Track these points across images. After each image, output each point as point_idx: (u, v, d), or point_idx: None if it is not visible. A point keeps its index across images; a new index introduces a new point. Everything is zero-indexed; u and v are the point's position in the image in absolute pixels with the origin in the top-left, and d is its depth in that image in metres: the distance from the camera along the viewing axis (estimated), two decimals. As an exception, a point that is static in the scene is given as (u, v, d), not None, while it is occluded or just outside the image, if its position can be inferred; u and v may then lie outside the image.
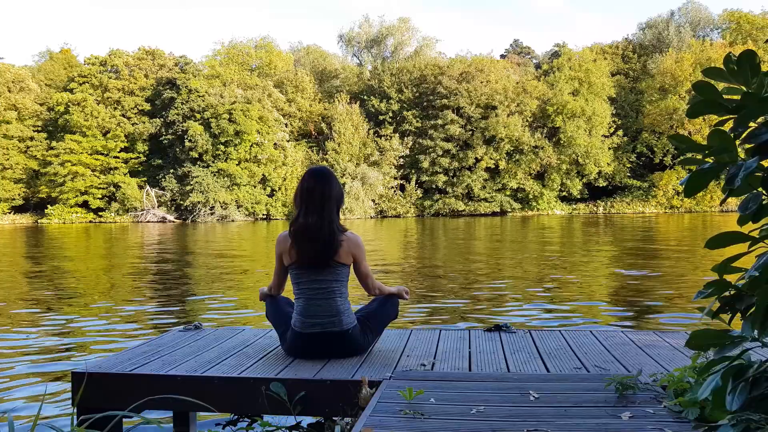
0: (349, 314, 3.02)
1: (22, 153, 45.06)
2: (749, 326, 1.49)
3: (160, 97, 44.91)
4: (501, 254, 13.99)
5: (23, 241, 22.13)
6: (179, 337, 3.45)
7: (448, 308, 6.67)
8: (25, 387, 4.01)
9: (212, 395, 2.60)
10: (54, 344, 5.24)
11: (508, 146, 45.05)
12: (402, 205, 45.08)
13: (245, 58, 50.48)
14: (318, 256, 2.94)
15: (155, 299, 7.78)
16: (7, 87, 46.06)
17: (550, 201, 46.05)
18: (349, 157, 43.98)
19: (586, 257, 12.89)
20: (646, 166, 47.42)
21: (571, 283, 8.69)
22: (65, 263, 13.53)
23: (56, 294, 8.39)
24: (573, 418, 1.96)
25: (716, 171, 1.47)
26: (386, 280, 8.91)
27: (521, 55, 60.55)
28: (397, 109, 46.63)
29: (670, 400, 2.07)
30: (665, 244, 15.79)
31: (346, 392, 2.51)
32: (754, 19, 49.54)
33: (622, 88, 48.89)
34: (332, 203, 2.97)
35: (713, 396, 1.57)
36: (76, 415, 2.58)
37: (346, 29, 58.79)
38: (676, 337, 3.32)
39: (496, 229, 26.04)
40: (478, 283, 8.84)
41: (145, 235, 25.50)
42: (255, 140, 42.58)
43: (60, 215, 43.28)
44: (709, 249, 1.56)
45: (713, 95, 1.46)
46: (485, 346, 3.16)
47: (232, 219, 41.83)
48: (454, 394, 2.26)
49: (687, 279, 8.92)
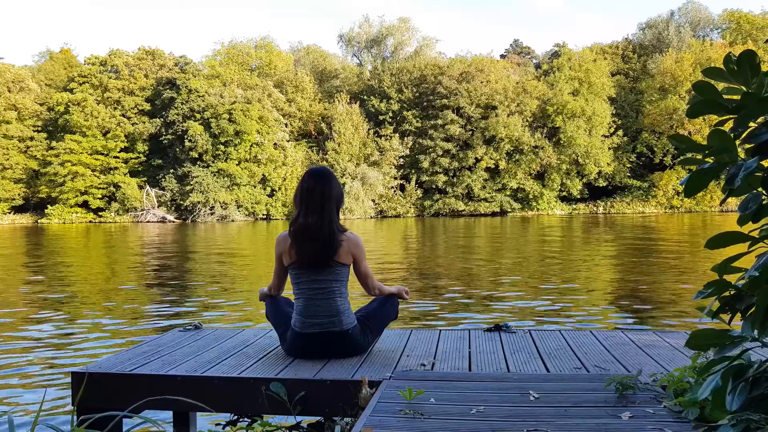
0: (349, 314, 3.02)
1: (22, 153, 45.06)
2: (749, 326, 1.49)
3: (160, 97, 44.91)
4: (501, 254, 13.99)
5: (23, 242, 22.13)
6: (179, 337, 3.45)
7: (448, 308, 6.67)
8: (25, 387, 4.02)
9: (212, 395, 2.60)
10: (54, 344, 5.24)
11: (508, 146, 45.04)
12: (402, 205, 45.07)
13: (245, 58, 50.47)
14: (318, 256, 2.94)
15: (155, 299, 7.78)
16: (7, 87, 46.05)
17: (550, 201, 46.04)
18: (349, 157, 43.97)
19: (586, 257, 12.88)
20: (646, 166, 47.41)
21: (571, 282, 8.69)
22: (65, 263, 13.53)
23: (56, 294, 8.39)
24: (573, 418, 1.96)
25: (716, 171, 1.47)
26: (386, 280, 8.91)
27: (521, 55, 60.54)
28: (397, 109, 46.62)
29: (670, 400, 2.07)
30: (665, 244, 15.78)
31: (346, 392, 2.51)
32: (754, 19, 49.52)
33: (622, 88, 48.88)
34: (332, 203, 2.97)
35: (713, 396, 1.57)
36: (76, 415, 2.58)
37: (346, 29, 58.84)
38: (676, 337, 3.32)
39: (496, 229, 26.04)
40: (478, 283, 8.84)
41: (145, 235, 25.50)
42: (255, 140, 42.57)
43: (60, 215, 43.28)
44: (709, 249, 1.56)
45: (713, 95, 1.46)
46: (485, 346, 3.16)
47: (232, 219, 41.82)
48: (454, 394, 2.26)
49: (687, 279, 8.92)
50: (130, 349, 3.19)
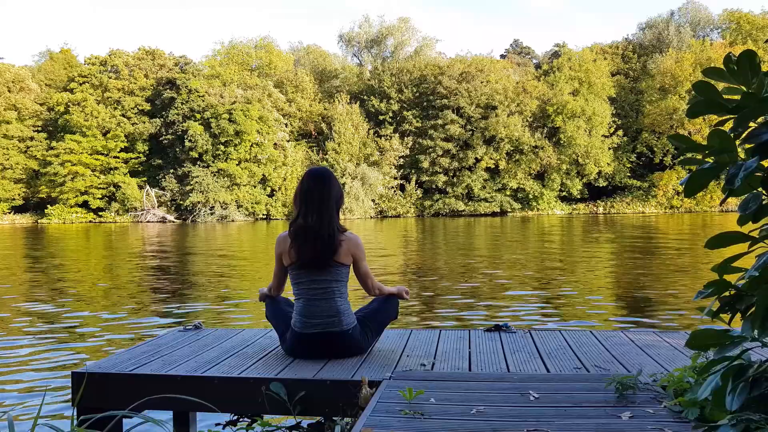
0: (349, 314, 3.02)
1: (22, 153, 45.05)
2: (749, 326, 1.49)
3: (160, 97, 44.90)
4: (501, 254, 13.99)
5: (23, 242, 22.12)
6: (179, 337, 3.45)
7: (448, 308, 6.67)
8: (25, 387, 4.02)
9: (212, 395, 2.59)
10: (54, 344, 5.24)
11: (508, 146, 45.04)
12: (402, 205, 45.06)
13: (245, 58, 50.45)
14: (317, 256, 2.94)
15: (155, 299, 7.78)
16: (7, 87, 46.05)
17: (550, 201, 46.03)
18: (349, 157, 43.97)
19: (586, 257, 12.88)
20: (646, 166, 47.41)
21: (571, 282, 8.69)
22: (65, 263, 13.53)
23: (56, 294, 8.39)
24: (573, 418, 1.96)
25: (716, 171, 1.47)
26: (386, 280, 8.90)
27: (521, 55, 60.55)
28: (397, 109, 46.62)
29: (670, 400, 2.07)
30: (665, 244, 15.78)
31: (346, 392, 2.51)
32: (754, 19, 49.51)
33: (622, 88, 48.87)
34: (331, 203, 2.97)
35: (713, 396, 1.57)
36: (76, 415, 2.58)
37: (346, 29, 58.86)
38: (676, 337, 3.32)
39: (496, 229, 26.04)
40: (478, 283, 8.84)
41: (145, 235, 25.49)
42: (255, 140, 42.56)
43: (60, 215, 43.28)
44: (709, 249, 1.56)
45: (713, 95, 1.46)
46: (485, 346, 3.16)
47: (232, 219, 41.82)
48: (454, 394, 2.26)
49: (687, 279, 8.92)
50: (130, 349, 3.19)
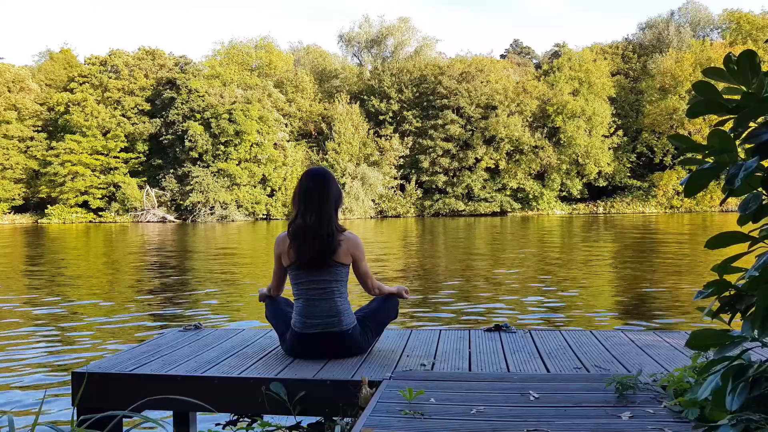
0: (349, 314, 3.02)
1: (22, 153, 45.01)
2: (749, 326, 1.49)
3: (160, 97, 44.88)
4: (501, 254, 13.99)
5: (23, 242, 22.12)
6: (179, 337, 3.45)
7: (448, 308, 6.67)
8: (26, 387, 4.01)
9: (212, 395, 2.59)
10: (54, 344, 5.24)
11: (508, 146, 45.04)
12: (402, 205, 45.06)
13: (245, 58, 50.42)
14: (317, 256, 2.94)
15: (155, 299, 7.78)
16: (7, 87, 46.02)
17: (550, 201, 46.03)
18: (349, 157, 43.96)
19: (586, 257, 12.88)
20: (646, 166, 47.40)
21: (571, 282, 8.69)
22: (65, 263, 13.53)
23: (56, 294, 8.38)
24: (573, 418, 1.96)
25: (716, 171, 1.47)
26: (386, 280, 8.90)
27: (521, 55, 60.53)
28: (397, 109, 46.61)
29: (670, 400, 2.07)
30: (665, 244, 15.78)
31: (346, 392, 2.51)
32: (754, 19, 49.51)
33: (622, 88, 48.86)
34: (330, 203, 2.97)
35: (713, 396, 1.57)
36: (76, 415, 2.58)
37: (346, 29, 58.85)
38: (676, 337, 3.32)
39: (496, 229, 26.04)
40: (479, 283, 8.84)
41: (145, 235, 25.49)
42: (255, 140, 42.55)
43: (60, 215, 43.27)
44: (709, 249, 1.56)
45: (713, 95, 1.46)
46: (485, 346, 3.16)
47: (232, 219, 41.81)
48: (454, 394, 2.25)
49: (687, 279, 8.92)
50: (130, 349, 3.19)
